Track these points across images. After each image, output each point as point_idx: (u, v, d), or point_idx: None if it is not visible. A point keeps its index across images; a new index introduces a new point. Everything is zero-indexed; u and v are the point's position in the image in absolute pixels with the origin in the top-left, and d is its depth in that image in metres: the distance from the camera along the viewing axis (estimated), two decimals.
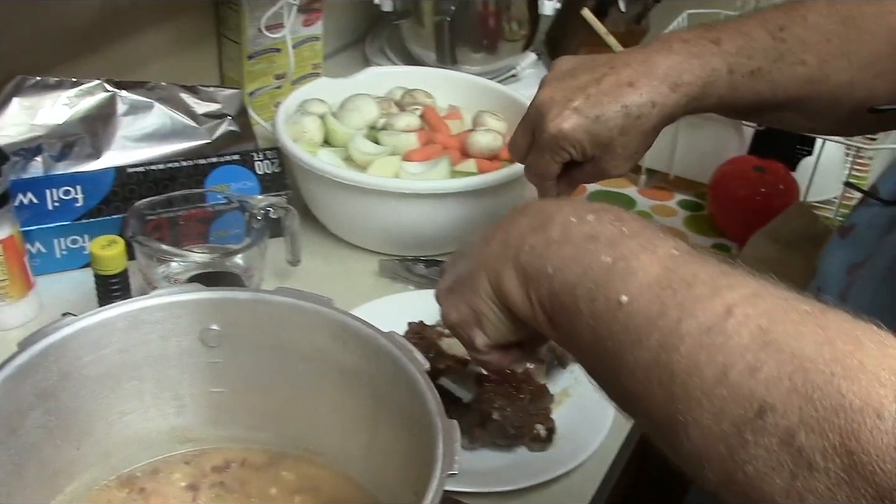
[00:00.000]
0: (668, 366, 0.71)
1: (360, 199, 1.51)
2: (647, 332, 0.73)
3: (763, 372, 0.65)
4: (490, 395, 1.26)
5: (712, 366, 0.68)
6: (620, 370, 0.76)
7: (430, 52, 2.11)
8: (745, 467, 0.65)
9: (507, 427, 1.24)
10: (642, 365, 0.73)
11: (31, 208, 1.47)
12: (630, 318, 0.75)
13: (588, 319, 0.79)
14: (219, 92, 1.74)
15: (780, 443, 0.63)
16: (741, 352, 0.67)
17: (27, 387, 0.95)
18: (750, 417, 0.65)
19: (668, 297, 0.73)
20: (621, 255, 0.79)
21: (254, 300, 1.05)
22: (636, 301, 0.75)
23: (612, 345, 0.77)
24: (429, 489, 0.82)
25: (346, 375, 1.04)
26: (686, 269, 0.75)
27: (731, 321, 0.69)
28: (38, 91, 1.54)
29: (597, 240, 0.81)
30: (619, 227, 0.82)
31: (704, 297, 0.72)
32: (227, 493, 1.08)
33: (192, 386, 1.09)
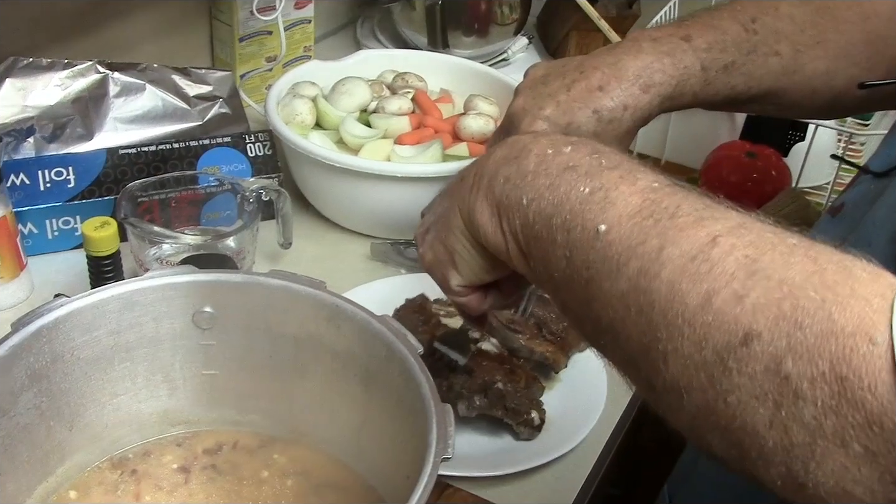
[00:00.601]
0: (648, 293, 0.69)
1: (352, 182, 1.51)
2: (626, 260, 0.71)
3: (750, 299, 0.63)
4: (492, 366, 1.26)
5: (695, 293, 0.66)
6: (596, 300, 0.74)
7: (422, 36, 2.11)
8: (726, 397, 0.63)
9: (507, 399, 1.24)
10: (620, 293, 0.71)
11: (22, 189, 1.47)
12: (608, 246, 0.73)
13: (563, 250, 0.77)
14: (210, 74, 1.73)
15: (765, 371, 0.61)
16: (727, 279, 0.65)
17: (19, 368, 0.95)
18: (734, 345, 0.63)
19: (649, 226, 0.71)
20: (600, 185, 0.76)
21: (247, 283, 1.05)
22: (615, 230, 0.73)
23: (588, 274, 0.74)
24: (423, 473, 0.82)
25: (339, 358, 1.04)
26: (669, 200, 0.73)
27: (716, 250, 0.66)
28: (30, 72, 1.54)
29: (574, 170, 0.79)
30: (598, 158, 0.79)
31: (688, 227, 0.69)
32: (219, 475, 1.09)
33: (185, 368, 1.09)
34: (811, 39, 1.19)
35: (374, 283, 1.48)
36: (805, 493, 0.61)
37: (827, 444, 0.59)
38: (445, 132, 1.64)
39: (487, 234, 0.87)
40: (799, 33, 1.19)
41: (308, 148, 1.52)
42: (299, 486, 1.08)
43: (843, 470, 0.59)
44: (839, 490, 0.60)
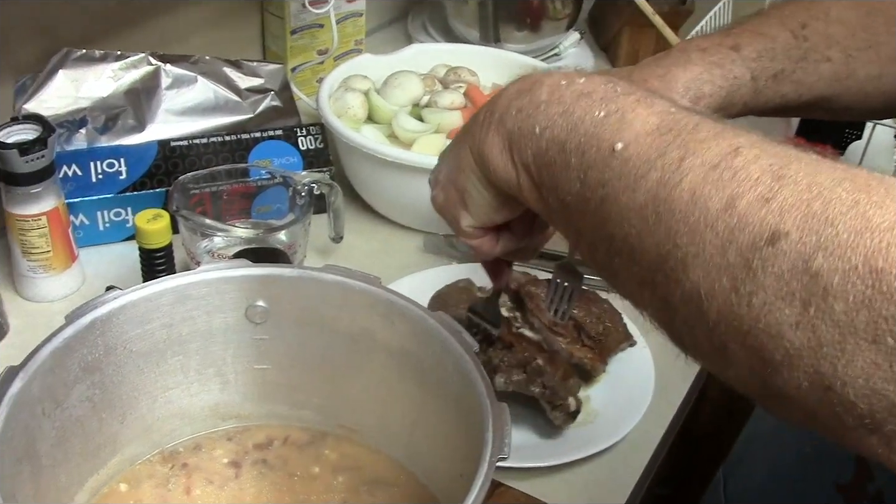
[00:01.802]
0: (668, 202, 0.68)
1: (404, 176, 1.50)
2: (645, 173, 0.70)
3: (776, 201, 0.62)
4: (533, 348, 1.26)
5: (719, 197, 0.65)
6: (611, 218, 0.73)
7: (473, 30, 2.10)
8: (751, 299, 0.62)
9: (545, 377, 1.22)
10: (637, 206, 0.70)
11: (74, 180, 1.47)
12: (626, 162, 0.72)
13: (577, 172, 0.76)
14: (262, 67, 1.73)
15: (792, 269, 0.60)
16: (751, 184, 0.64)
17: (73, 360, 0.95)
18: (759, 245, 0.62)
19: (668, 140, 0.70)
20: (616, 108, 0.75)
21: (301, 277, 1.04)
22: (633, 146, 0.72)
23: (604, 192, 0.73)
24: (479, 472, 0.81)
25: (393, 355, 1.03)
26: (688, 119, 0.72)
27: (738, 158, 0.66)
28: (83, 64, 1.54)
29: (589, 96, 0.78)
30: (613, 86, 0.78)
31: (709, 139, 0.68)
32: (270, 470, 1.08)
33: (237, 362, 1.09)
34: (863, 43, 1.17)
35: (427, 271, 1.49)
36: (831, 396, 0.60)
37: (858, 341, 0.58)
38: None
39: (498, 168, 0.86)
40: (850, 38, 1.17)
41: (360, 142, 1.51)
42: (350, 483, 1.07)
43: (873, 367, 0.57)
44: (868, 389, 0.58)
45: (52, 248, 1.37)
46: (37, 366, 0.90)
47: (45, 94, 1.50)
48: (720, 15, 2.00)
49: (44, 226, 1.34)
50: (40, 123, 1.32)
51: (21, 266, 1.39)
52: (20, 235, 1.35)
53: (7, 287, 1.41)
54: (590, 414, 1.28)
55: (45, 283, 1.40)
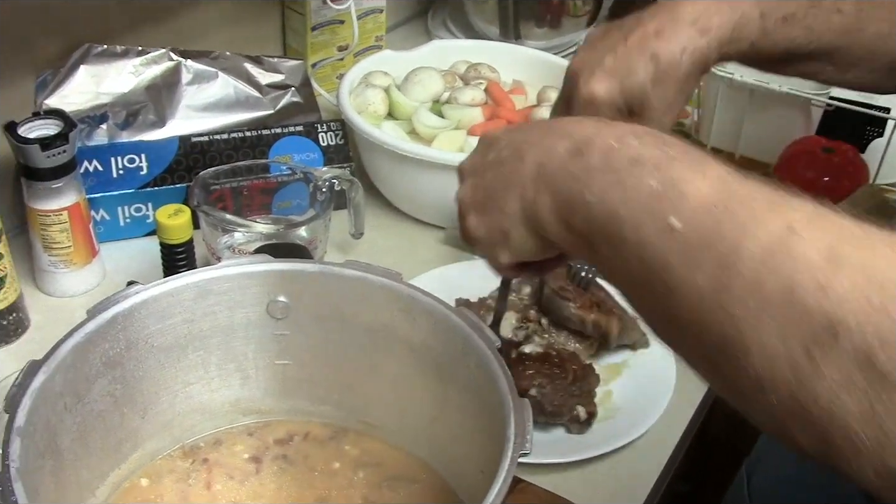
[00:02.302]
0: (729, 288, 0.66)
1: (425, 172, 1.50)
2: (704, 256, 0.68)
3: (834, 289, 0.61)
4: (530, 371, 1.25)
5: (778, 285, 0.63)
6: (671, 297, 0.71)
7: (494, 27, 2.10)
8: (815, 390, 0.61)
9: (544, 405, 1.23)
10: (698, 289, 0.68)
11: (95, 175, 1.48)
12: (684, 243, 0.70)
13: (634, 247, 0.74)
14: (282, 63, 1.73)
15: (853, 361, 0.59)
16: (809, 269, 0.62)
17: (95, 355, 0.95)
18: (820, 336, 0.61)
19: (724, 218, 0.68)
20: (669, 178, 0.73)
21: (322, 273, 1.04)
22: (689, 224, 0.70)
23: (663, 270, 0.71)
24: (501, 468, 0.81)
25: (414, 351, 1.03)
26: (742, 189, 0.70)
27: (794, 238, 0.64)
28: (104, 59, 1.54)
29: (641, 164, 0.76)
30: (665, 150, 0.76)
31: (763, 216, 0.67)
32: (290, 465, 1.08)
33: (258, 358, 1.09)
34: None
35: (447, 267, 1.49)
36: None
37: None
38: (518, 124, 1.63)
39: (551, 229, 0.85)
40: None
41: (381, 138, 1.51)
42: (371, 478, 1.07)
43: None
44: None
45: (73, 243, 1.37)
46: (59, 360, 0.90)
47: (66, 89, 1.50)
48: None
49: (65, 221, 1.34)
50: (62, 119, 1.32)
51: (42, 261, 1.39)
52: (41, 230, 1.35)
53: (28, 282, 1.41)
54: (610, 409, 1.27)
55: (66, 278, 1.40)
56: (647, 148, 0.77)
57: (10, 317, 1.31)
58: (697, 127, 1.86)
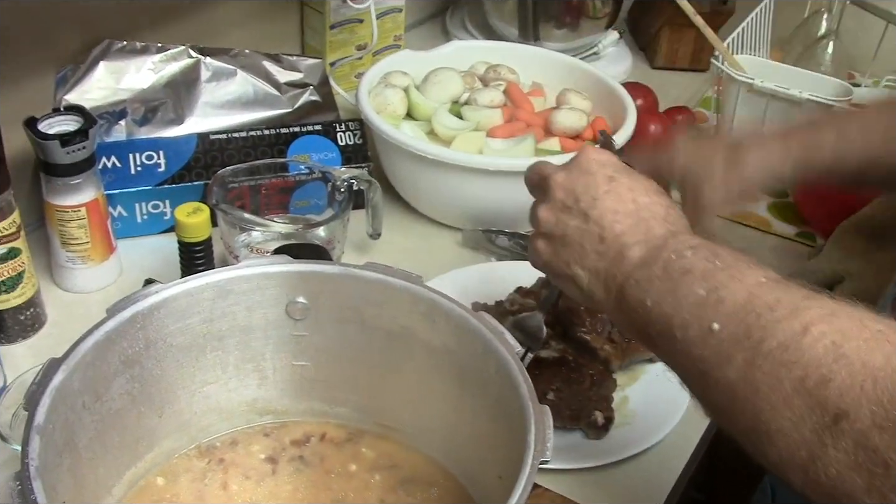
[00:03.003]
0: (753, 382, 0.76)
1: (444, 173, 1.50)
2: (734, 354, 0.79)
3: (836, 382, 0.71)
4: (547, 375, 1.25)
5: (790, 379, 0.73)
6: (710, 388, 0.82)
7: (512, 28, 2.09)
8: (827, 470, 0.71)
9: (562, 408, 1.23)
10: (729, 382, 0.79)
11: (114, 172, 1.48)
12: (720, 342, 0.80)
13: (681, 345, 0.85)
14: (301, 61, 1.73)
15: (855, 445, 0.69)
16: (816, 364, 0.72)
17: (113, 354, 0.95)
18: (827, 424, 0.70)
19: (752, 320, 0.79)
20: (713, 286, 0.84)
21: (342, 274, 1.04)
22: (725, 327, 0.81)
23: (703, 366, 0.82)
24: (521, 475, 0.81)
25: (433, 354, 1.03)
26: (770, 295, 0.80)
27: (806, 338, 0.74)
28: (124, 55, 1.54)
29: (692, 273, 0.86)
30: (714, 261, 0.87)
31: (784, 318, 0.77)
32: (306, 467, 1.08)
33: (276, 358, 1.09)
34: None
35: (465, 269, 1.49)
36: None
37: None
38: (537, 126, 1.63)
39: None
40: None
41: (400, 139, 1.50)
42: (387, 481, 1.07)
43: None
44: None
45: (90, 239, 1.37)
46: (78, 358, 0.90)
47: (85, 85, 1.50)
48: (761, 16, 1.99)
49: (83, 217, 1.34)
50: (82, 115, 1.32)
51: (59, 256, 1.39)
52: (59, 226, 1.35)
53: (45, 277, 1.41)
54: (627, 415, 1.27)
55: (83, 274, 1.40)
56: (699, 260, 0.88)
57: (27, 312, 1.31)
58: (716, 132, 1.86)
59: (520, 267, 1.45)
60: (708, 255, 0.87)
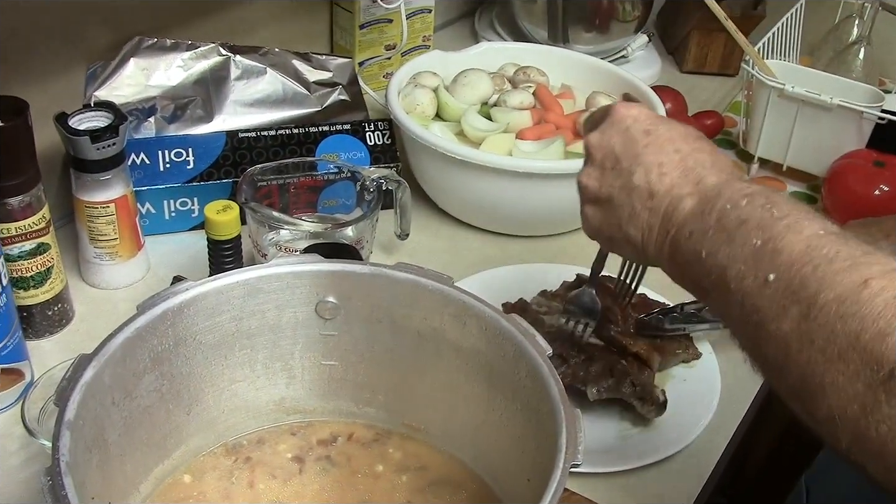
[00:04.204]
0: (808, 334, 0.75)
1: (473, 175, 1.49)
2: (789, 305, 0.77)
3: (893, 337, 0.69)
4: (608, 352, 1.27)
5: (846, 332, 0.72)
6: (764, 340, 0.80)
7: (542, 30, 2.09)
8: (878, 426, 0.69)
9: (633, 376, 1.24)
10: (783, 334, 0.77)
11: (142, 168, 1.48)
12: (775, 293, 0.79)
13: (737, 296, 0.83)
14: (330, 60, 1.72)
15: None
16: (873, 318, 0.71)
17: (144, 350, 0.95)
18: (883, 379, 0.69)
19: (808, 272, 0.77)
20: (770, 236, 0.82)
21: (373, 274, 1.04)
22: (782, 278, 0.79)
23: (758, 317, 0.80)
24: (552, 478, 0.80)
25: (463, 356, 1.02)
26: (829, 247, 0.78)
27: (865, 291, 0.72)
28: (154, 52, 1.54)
29: (747, 223, 0.84)
30: (770, 209, 0.84)
31: (843, 271, 0.75)
32: (333, 466, 1.08)
33: (304, 357, 1.09)
34: None
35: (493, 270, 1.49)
36: None
37: None
38: (566, 129, 1.62)
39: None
40: None
41: (430, 139, 1.50)
42: (414, 483, 1.06)
43: None
44: None
45: (119, 235, 1.37)
46: (108, 354, 0.90)
47: (115, 81, 1.50)
48: (792, 21, 1.98)
49: (112, 213, 1.34)
50: (112, 111, 1.32)
51: (87, 252, 1.39)
52: (88, 222, 1.35)
53: (73, 273, 1.41)
54: (655, 420, 1.26)
55: (111, 270, 1.40)
56: (755, 209, 0.85)
57: (55, 307, 1.31)
58: (745, 137, 1.85)
59: (548, 269, 1.45)
60: (764, 204, 0.85)
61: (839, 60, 2.03)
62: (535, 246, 1.58)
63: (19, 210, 1.21)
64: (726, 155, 0.98)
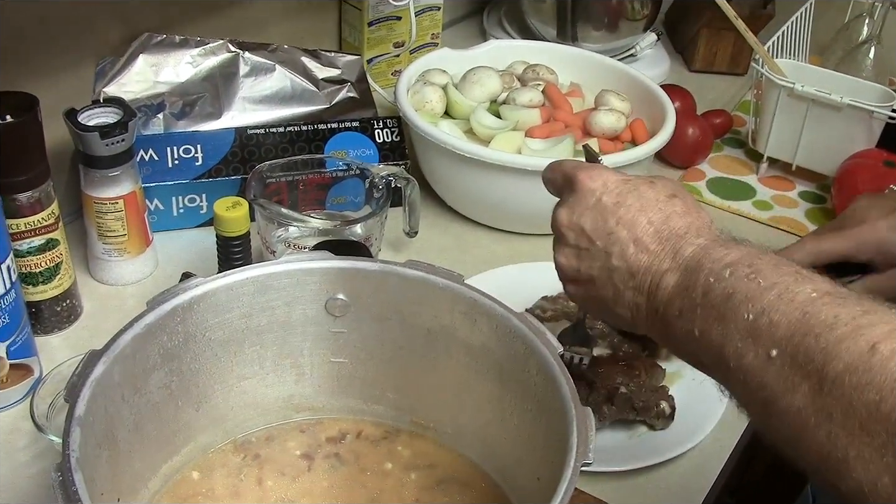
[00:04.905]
0: (824, 408, 0.72)
1: (482, 173, 1.49)
2: (799, 380, 0.74)
3: None
4: (609, 371, 1.25)
5: (864, 403, 0.68)
6: (775, 416, 0.77)
7: (550, 28, 2.08)
8: None
9: (634, 400, 1.23)
10: (796, 410, 0.74)
11: (151, 165, 1.47)
12: (780, 369, 0.76)
13: (738, 374, 0.80)
14: (339, 57, 1.72)
15: None
16: (891, 386, 0.67)
17: (153, 347, 0.95)
18: None
19: (811, 343, 0.74)
20: (761, 309, 0.79)
21: (383, 272, 1.03)
22: (784, 353, 0.76)
23: (764, 394, 0.77)
24: (563, 477, 0.80)
25: (473, 354, 1.02)
26: (826, 311, 0.75)
27: (875, 358, 0.69)
28: (163, 49, 1.54)
29: (735, 297, 0.82)
30: (755, 279, 0.82)
31: (847, 337, 0.72)
32: (342, 464, 1.08)
33: (314, 354, 1.08)
34: None
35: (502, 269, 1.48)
36: None
37: None
38: (575, 127, 1.62)
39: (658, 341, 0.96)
40: None
41: (439, 137, 1.50)
42: (423, 481, 1.06)
43: None
44: None
45: (127, 231, 1.37)
46: (118, 351, 0.90)
47: (124, 77, 1.50)
48: (801, 20, 1.98)
49: (120, 209, 1.34)
50: (121, 107, 1.32)
51: (96, 248, 1.39)
52: (97, 218, 1.35)
53: (81, 269, 1.41)
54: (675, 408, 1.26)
55: (119, 266, 1.40)
56: (740, 280, 0.83)
57: (64, 303, 1.31)
58: (754, 136, 1.85)
59: None
60: (748, 273, 0.83)
61: (849, 60, 2.02)
62: (544, 244, 1.55)
63: (28, 206, 1.21)
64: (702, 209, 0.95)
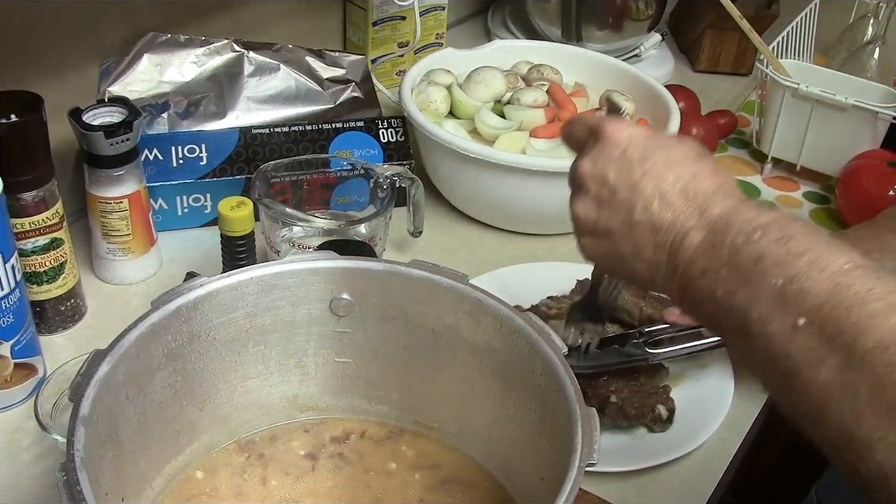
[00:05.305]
0: (851, 385, 0.69)
1: (486, 173, 1.49)
2: (826, 353, 0.71)
3: None
4: (605, 379, 1.25)
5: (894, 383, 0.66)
6: (797, 389, 0.74)
7: (555, 28, 2.08)
8: None
9: (626, 409, 1.22)
10: (820, 384, 0.71)
11: (155, 164, 1.48)
12: (807, 339, 0.73)
13: (761, 341, 0.77)
14: (344, 57, 1.72)
15: None
16: None
17: (158, 346, 0.95)
18: None
19: (841, 315, 0.71)
20: (791, 275, 0.76)
21: (388, 272, 1.03)
22: (813, 323, 0.73)
23: (787, 364, 0.74)
24: (568, 478, 0.80)
25: (477, 354, 1.02)
26: (860, 284, 0.72)
27: None
28: (167, 48, 1.54)
29: (763, 261, 0.78)
30: (787, 244, 0.78)
31: (879, 313, 0.69)
32: (346, 464, 1.08)
33: (318, 354, 1.08)
34: None
35: (506, 269, 1.48)
36: None
37: None
38: None
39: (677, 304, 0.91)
40: None
41: (444, 137, 1.50)
42: (427, 481, 1.06)
43: None
44: None
45: (132, 231, 1.37)
46: (123, 350, 0.89)
47: (129, 77, 1.50)
48: (806, 21, 1.97)
49: (125, 209, 1.34)
50: (126, 107, 1.32)
51: (100, 248, 1.39)
52: (101, 217, 1.35)
53: (86, 268, 1.41)
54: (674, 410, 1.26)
55: (124, 265, 1.40)
56: (769, 243, 0.79)
57: (68, 303, 1.31)
58: (759, 136, 1.85)
59: (561, 267, 1.45)
60: (780, 238, 0.79)
61: (854, 60, 2.02)
62: (549, 244, 1.57)
63: (33, 205, 1.21)
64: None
